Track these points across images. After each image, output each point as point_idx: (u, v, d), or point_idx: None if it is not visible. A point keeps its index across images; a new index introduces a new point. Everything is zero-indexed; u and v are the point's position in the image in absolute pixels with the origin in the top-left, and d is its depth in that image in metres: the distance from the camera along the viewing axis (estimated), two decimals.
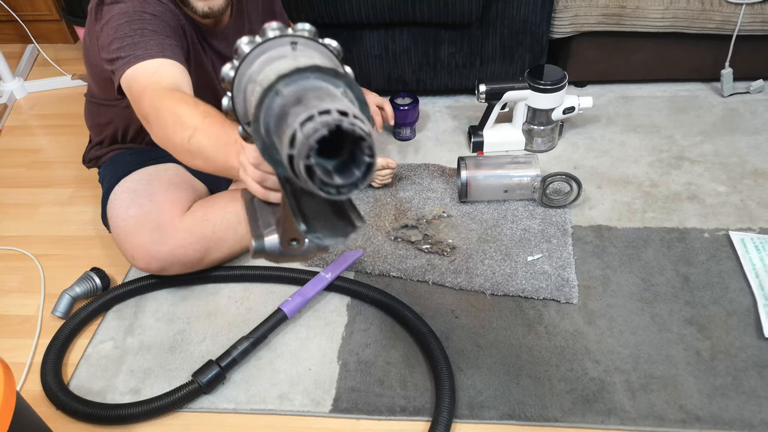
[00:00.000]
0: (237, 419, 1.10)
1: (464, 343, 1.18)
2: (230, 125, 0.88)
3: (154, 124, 0.95)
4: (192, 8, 1.12)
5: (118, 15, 1.04)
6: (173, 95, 0.95)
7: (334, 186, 0.44)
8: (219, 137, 0.86)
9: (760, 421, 1.04)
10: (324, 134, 0.41)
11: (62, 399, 1.11)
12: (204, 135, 0.88)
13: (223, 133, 0.87)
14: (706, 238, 1.36)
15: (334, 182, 0.44)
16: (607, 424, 1.05)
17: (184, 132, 0.89)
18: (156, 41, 1.03)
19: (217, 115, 0.90)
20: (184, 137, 0.89)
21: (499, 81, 1.54)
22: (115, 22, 1.04)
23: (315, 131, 0.41)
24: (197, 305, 1.29)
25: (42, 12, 2.18)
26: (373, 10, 1.58)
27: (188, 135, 0.89)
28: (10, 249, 1.47)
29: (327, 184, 0.44)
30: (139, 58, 1.00)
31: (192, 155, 0.91)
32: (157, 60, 1.01)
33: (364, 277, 1.32)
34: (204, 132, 0.88)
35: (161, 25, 1.06)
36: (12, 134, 1.87)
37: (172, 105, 0.93)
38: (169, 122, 0.92)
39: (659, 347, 1.16)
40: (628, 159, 1.59)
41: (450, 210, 1.46)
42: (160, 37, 1.04)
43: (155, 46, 1.02)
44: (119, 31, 1.03)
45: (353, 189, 0.45)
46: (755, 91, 1.77)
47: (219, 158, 0.86)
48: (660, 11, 1.62)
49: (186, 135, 0.89)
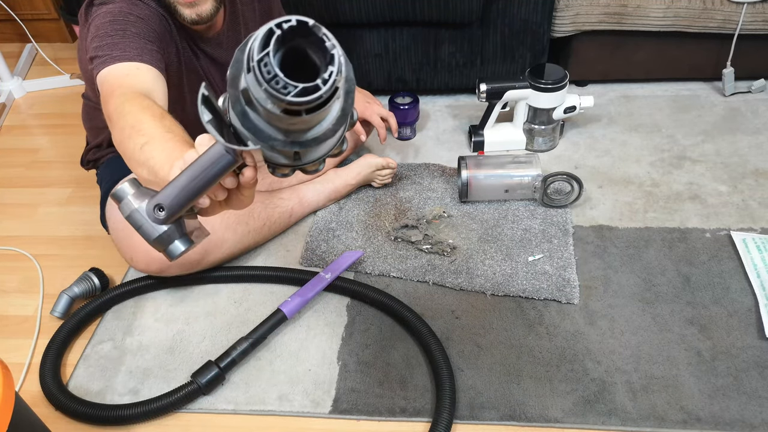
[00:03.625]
0: (236, 420, 1.10)
1: (465, 343, 1.18)
2: (189, 146, 0.82)
3: (115, 125, 0.91)
4: (180, 16, 1.11)
5: (103, 14, 1.04)
6: (141, 101, 0.92)
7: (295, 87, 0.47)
8: (171, 153, 0.80)
9: (761, 422, 1.03)
10: (292, 24, 0.47)
11: (61, 399, 1.10)
12: (157, 147, 0.83)
13: (177, 150, 0.80)
14: (707, 238, 1.36)
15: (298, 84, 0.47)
16: (608, 425, 1.04)
17: (139, 138, 0.85)
18: (136, 44, 1.02)
19: (180, 134, 0.86)
20: (137, 144, 0.85)
21: (499, 80, 1.54)
22: (99, 20, 1.03)
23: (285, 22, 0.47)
24: (196, 306, 1.29)
25: (41, 11, 2.17)
26: (373, 10, 1.57)
27: (141, 143, 0.84)
28: (8, 249, 1.46)
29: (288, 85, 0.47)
30: (116, 59, 0.99)
31: (139, 164, 0.84)
32: (133, 63, 0.99)
33: (364, 278, 1.32)
34: (158, 144, 0.83)
35: (145, 29, 1.05)
36: (11, 134, 1.86)
37: (137, 110, 0.90)
38: (127, 126, 0.88)
39: (660, 348, 1.15)
40: (629, 159, 1.58)
41: (450, 210, 1.46)
42: (141, 41, 1.03)
43: (134, 48, 1.01)
44: (101, 30, 1.02)
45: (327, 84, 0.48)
46: (757, 90, 1.77)
47: (162, 174, 0.78)
48: (661, 10, 1.62)
49: (140, 142, 0.85)
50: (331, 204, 1.49)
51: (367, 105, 1.40)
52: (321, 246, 1.38)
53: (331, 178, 1.47)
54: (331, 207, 1.48)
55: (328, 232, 1.42)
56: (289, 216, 1.40)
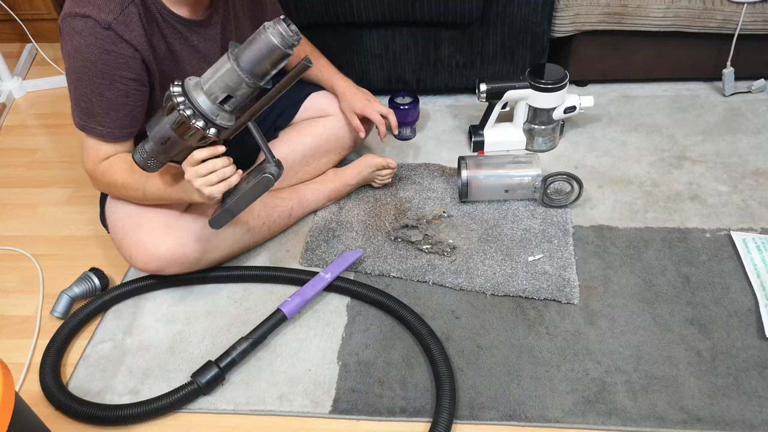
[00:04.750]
0: (236, 420, 1.10)
1: (465, 343, 1.18)
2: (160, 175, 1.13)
3: (100, 182, 1.18)
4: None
5: (74, 56, 1.04)
6: (113, 170, 1.14)
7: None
8: (165, 184, 1.12)
9: (761, 422, 1.03)
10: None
11: (61, 399, 1.10)
12: (153, 190, 1.14)
13: (162, 181, 1.12)
14: (707, 238, 1.36)
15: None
16: (608, 425, 1.04)
17: (137, 193, 1.15)
18: (110, 118, 1.09)
19: (147, 174, 1.13)
20: (139, 195, 1.16)
21: (499, 80, 1.54)
22: (71, 64, 1.05)
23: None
24: (196, 306, 1.29)
25: (40, 11, 2.17)
26: (373, 10, 1.57)
27: (142, 193, 1.15)
28: (8, 249, 1.46)
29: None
30: (92, 131, 1.11)
31: (149, 200, 1.18)
32: (106, 145, 1.13)
33: (364, 278, 1.32)
34: (152, 188, 1.14)
35: (116, 88, 1.06)
36: (10, 134, 1.86)
37: (119, 179, 1.14)
38: (119, 191, 1.18)
39: (660, 348, 1.15)
40: (629, 158, 1.58)
41: (450, 210, 1.46)
42: (113, 113, 1.09)
43: (109, 123, 1.10)
44: (77, 87, 1.07)
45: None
46: (757, 90, 1.77)
47: (173, 197, 1.14)
48: (661, 10, 1.61)
49: (140, 194, 1.15)
50: (331, 204, 1.49)
51: (367, 103, 1.40)
52: (321, 246, 1.38)
53: (330, 178, 1.47)
54: (331, 207, 1.48)
55: (328, 232, 1.42)
56: (288, 216, 1.40)
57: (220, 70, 0.97)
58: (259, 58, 0.95)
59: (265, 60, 0.96)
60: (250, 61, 0.95)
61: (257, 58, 0.95)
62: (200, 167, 1.03)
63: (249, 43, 0.96)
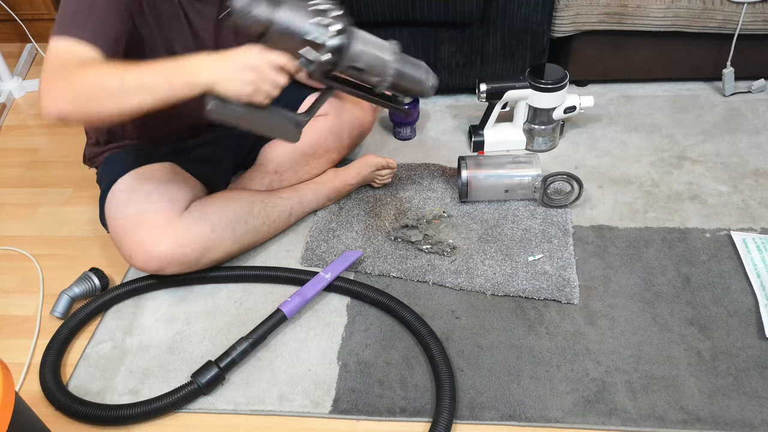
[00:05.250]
0: (236, 420, 1.10)
1: (465, 343, 1.18)
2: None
3: (75, 84, 0.97)
4: None
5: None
6: (85, 65, 0.98)
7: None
8: (154, 68, 0.97)
9: (761, 422, 1.03)
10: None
11: (61, 399, 1.10)
12: (134, 74, 0.97)
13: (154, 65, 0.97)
14: (707, 238, 1.36)
15: None
16: (608, 425, 1.04)
17: (114, 79, 0.96)
18: (94, 21, 1.01)
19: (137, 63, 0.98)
20: (116, 83, 0.96)
21: (499, 80, 1.54)
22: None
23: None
24: (196, 305, 1.29)
25: (40, 11, 2.17)
26: (373, 10, 1.57)
27: (119, 80, 0.96)
28: (8, 249, 1.46)
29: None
30: (71, 32, 1.01)
31: (130, 94, 0.96)
32: (81, 47, 1.00)
33: (364, 278, 1.32)
34: (133, 72, 0.97)
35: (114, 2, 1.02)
36: (10, 134, 1.86)
37: (90, 68, 0.98)
38: (90, 83, 0.97)
39: (660, 348, 1.15)
40: (629, 158, 1.58)
41: (450, 210, 1.46)
42: (98, 13, 1.02)
43: (92, 25, 1.01)
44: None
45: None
46: (757, 90, 1.77)
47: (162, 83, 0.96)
48: (661, 10, 1.62)
49: (117, 80, 0.96)
50: (330, 204, 1.49)
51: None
52: (321, 246, 1.38)
53: (330, 177, 1.47)
54: (331, 207, 1.48)
55: (328, 232, 1.42)
56: (288, 215, 1.40)
57: (380, 48, 1.06)
58: (409, 80, 1.10)
59: (408, 84, 1.10)
60: (404, 74, 1.09)
61: (409, 78, 1.10)
62: (276, 73, 1.00)
63: (414, 64, 1.12)
